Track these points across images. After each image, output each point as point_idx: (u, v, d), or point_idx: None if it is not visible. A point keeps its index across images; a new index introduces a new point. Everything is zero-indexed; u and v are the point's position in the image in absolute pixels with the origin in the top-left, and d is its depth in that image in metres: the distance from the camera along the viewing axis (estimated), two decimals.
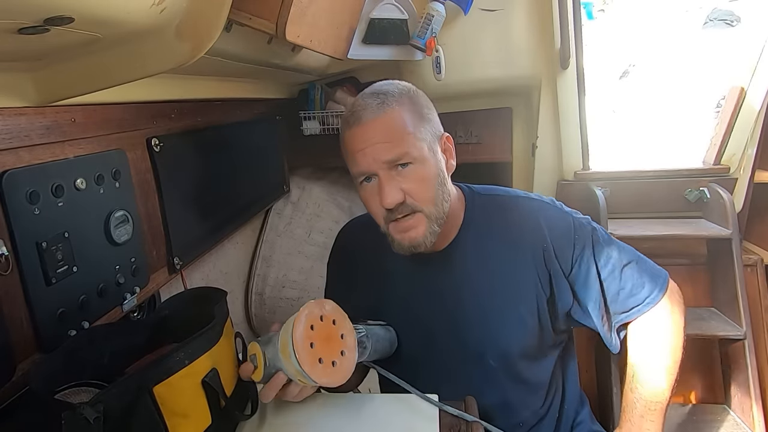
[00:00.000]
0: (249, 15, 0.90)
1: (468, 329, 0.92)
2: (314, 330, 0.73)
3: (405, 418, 0.81)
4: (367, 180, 0.85)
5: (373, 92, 0.86)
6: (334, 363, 0.74)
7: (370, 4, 1.43)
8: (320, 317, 0.75)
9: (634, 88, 4.90)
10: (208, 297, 0.81)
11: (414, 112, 0.84)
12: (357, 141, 0.83)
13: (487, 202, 0.97)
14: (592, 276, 0.91)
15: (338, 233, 1.11)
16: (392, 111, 0.82)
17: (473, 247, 0.93)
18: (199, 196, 1.24)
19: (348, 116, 0.86)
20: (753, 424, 1.48)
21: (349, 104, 1.77)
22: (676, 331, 0.93)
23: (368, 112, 0.82)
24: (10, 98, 0.70)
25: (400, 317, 0.96)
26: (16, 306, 0.71)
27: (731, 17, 5.17)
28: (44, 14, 0.49)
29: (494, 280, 0.92)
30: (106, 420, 0.55)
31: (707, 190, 1.66)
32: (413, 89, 0.89)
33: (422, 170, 0.83)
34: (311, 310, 0.74)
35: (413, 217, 0.84)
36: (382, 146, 0.81)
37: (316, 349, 0.72)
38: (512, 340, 0.92)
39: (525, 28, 1.61)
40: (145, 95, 1.01)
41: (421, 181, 0.83)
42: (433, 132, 0.87)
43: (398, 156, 0.81)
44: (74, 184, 0.80)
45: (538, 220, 0.93)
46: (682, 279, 1.69)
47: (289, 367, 0.72)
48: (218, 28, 0.66)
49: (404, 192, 0.82)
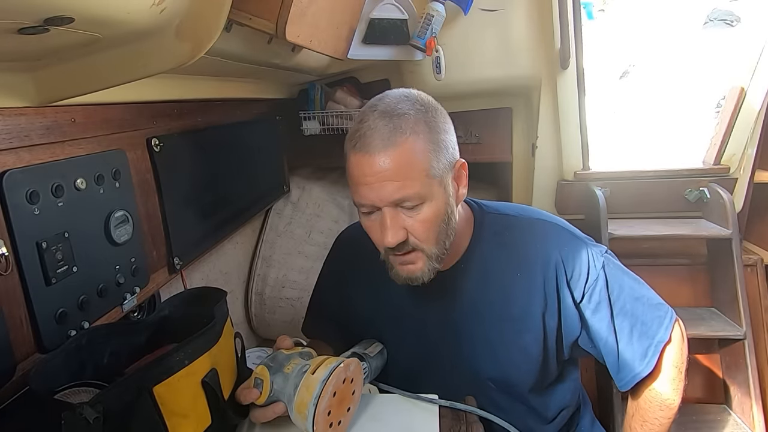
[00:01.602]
0: (249, 15, 0.90)
1: (469, 352, 0.90)
2: (335, 396, 0.71)
3: (405, 418, 0.81)
4: (369, 212, 0.80)
5: (385, 112, 0.76)
6: (339, 422, 0.74)
7: (370, 4, 1.43)
8: (343, 381, 0.73)
9: (634, 88, 4.90)
10: (207, 297, 0.81)
11: (429, 141, 0.76)
12: (363, 171, 0.76)
13: (497, 221, 0.92)
14: (603, 308, 0.87)
15: (335, 241, 1.09)
16: (405, 143, 0.74)
17: (478, 269, 0.89)
18: (199, 196, 1.24)
19: (355, 135, 0.77)
20: (753, 424, 1.48)
21: (352, 107, 1.79)
22: (678, 376, 0.88)
23: (378, 140, 0.74)
24: (10, 98, 0.70)
25: (396, 333, 0.95)
26: (16, 306, 0.71)
27: (731, 17, 5.17)
28: (44, 14, 0.49)
29: (498, 306, 0.88)
30: (106, 420, 0.55)
31: (707, 190, 1.66)
32: (431, 108, 0.80)
33: (429, 211, 0.77)
34: (338, 380, 0.71)
35: (413, 254, 0.81)
36: (390, 185, 0.74)
37: (332, 416, 0.71)
38: (514, 368, 0.89)
39: (525, 28, 1.61)
40: (145, 95, 1.01)
41: (426, 222, 0.78)
42: (447, 161, 0.79)
43: (406, 198, 0.75)
44: (74, 184, 0.80)
45: (551, 244, 0.88)
46: (682, 279, 1.70)
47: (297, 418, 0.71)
48: (218, 28, 0.66)
49: (407, 231, 0.78)
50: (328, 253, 1.09)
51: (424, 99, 0.81)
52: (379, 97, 0.81)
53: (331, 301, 1.05)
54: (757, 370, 1.51)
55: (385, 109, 0.77)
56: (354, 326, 1.00)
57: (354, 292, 1.00)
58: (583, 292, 0.87)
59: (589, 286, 0.87)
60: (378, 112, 0.76)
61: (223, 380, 0.71)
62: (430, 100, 0.82)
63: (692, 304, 1.68)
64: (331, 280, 1.07)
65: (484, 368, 0.90)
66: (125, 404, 0.59)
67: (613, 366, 0.89)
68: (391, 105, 0.77)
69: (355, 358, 0.78)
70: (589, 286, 0.87)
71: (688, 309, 1.66)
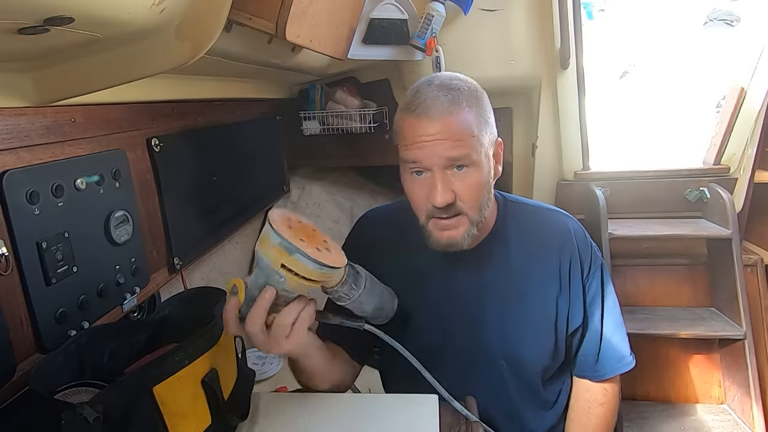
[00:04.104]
0: (249, 15, 0.90)
1: (485, 332, 0.92)
2: (291, 229, 0.68)
3: (405, 418, 0.81)
4: (418, 173, 0.83)
5: (442, 85, 0.82)
6: (319, 249, 0.68)
7: (370, 4, 1.43)
8: (289, 219, 0.70)
9: (634, 88, 4.90)
10: (207, 297, 0.81)
11: (479, 115, 0.82)
12: (419, 132, 0.80)
13: (518, 209, 0.97)
14: (597, 301, 0.95)
15: (354, 226, 1.07)
16: (461, 111, 0.80)
17: (500, 252, 0.93)
18: (199, 196, 1.24)
19: (412, 103, 0.81)
20: (753, 424, 1.48)
21: (352, 107, 1.79)
22: None
23: (438, 107, 0.79)
24: (10, 98, 0.70)
25: (417, 313, 0.95)
26: (16, 306, 0.71)
27: (731, 17, 5.17)
28: (44, 14, 0.49)
29: (516, 289, 0.92)
30: (106, 420, 0.55)
31: (707, 190, 1.66)
32: (480, 89, 0.87)
33: (477, 175, 0.82)
34: (280, 211, 0.69)
35: (457, 218, 0.83)
36: (446, 144, 0.79)
37: (296, 232, 0.67)
38: (526, 350, 0.92)
39: (525, 28, 1.61)
40: (145, 95, 1.01)
41: (474, 186, 0.82)
42: (492, 136, 0.86)
43: (460, 156, 0.79)
44: (74, 184, 0.80)
45: (568, 232, 0.95)
46: (682, 279, 1.70)
47: (272, 271, 0.65)
48: (218, 28, 0.66)
49: (455, 193, 0.81)
50: (349, 233, 1.07)
51: (470, 81, 0.87)
52: (429, 77, 0.86)
53: None
54: (757, 370, 1.51)
55: (441, 83, 0.83)
56: None
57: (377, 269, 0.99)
58: (584, 280, 0.95)
59: (590, 276, 0.95)
60: (435, 86, 0.82)
61: (223, 380, 0.71)
62: (474, 83, 0.88)
63: (692, 304, 1.69)
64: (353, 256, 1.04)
65: (498, 347, 0.92)
66: (125, 404, 0.59)
67: (591, 356, 0.97)
68: (446, 81, 0.83)
69: None
70: (590, 275, 0.95)
71: (688, 309, 1.66)
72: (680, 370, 1.66)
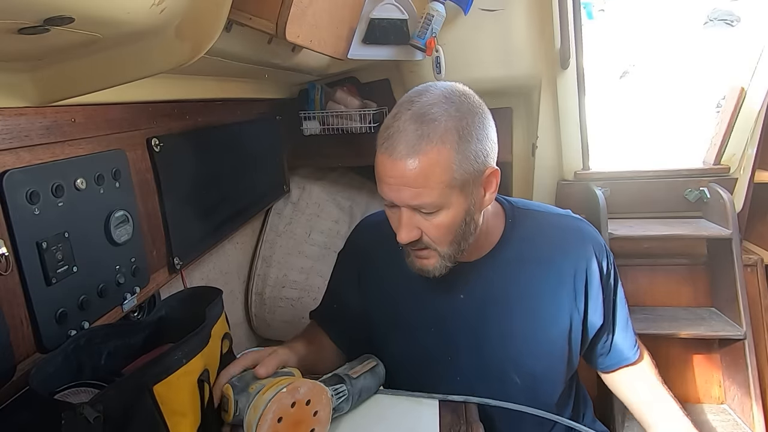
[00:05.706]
0: (249, 15, 0.90)
1: (491, 348, 0.90)
2: (281, 422, 0.69)
3: (405, 418, 0.81)
4: (391, 205, 0.81)
5: (417, 115, 0.74)
6: None
7: (370, 4, 1.43)
8: (291, 404, 0.70)
9: (634, 88, 4.90)
10: (204, 297, 0.81)
11: (456, 151, 0.74)
12: (385, 171, 0.76)
13: (526, 217, 0.94)
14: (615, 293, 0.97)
15: (353, 230, 1.08)
16: (430, 152, 0.73)
17: (508, 264, 0.90)
18: (199, 196, 1.24)
19: (385, 133, 0.76)
20: (753, 424, 1.48)
21: (352, 107, 1.79)
22: None
23: (403, 145, 0.73)
24: (10, 98, 0.70)
25: (417, 322, 0.93)
26: (16, 306, 0.71)
27: (731, 17, 5.17)
28: (44, 14, 0.49)
29: (527, 300, 0.89)
30: (106, 420, 0.55)
31: (707, 190, 1.66)
32: (469, 113, 0.77)
33: (445, 217, 0.78)
34: (280, 404, 0.69)
35: (427, 251, 0.82)
36: (408, 191, 0.75)
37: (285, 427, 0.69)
38: (539, 363, 0.90)
39: (525, 28, 1.61)
40: (145, 95, 1.01)
41: (440, 226, 0.78)
42: (475, 170, 0.77)
43: (422, 205, 0.76)
44: (74, 184, 0.80)
45: (582, 236, 0.93)
46: (682, 279, 1.70)
47: None
48: (218, 28, 0.66)
49: (422, 231, 0.79)
50: (343, 248, 1.08)
51: (464, 103, 0.78)
52: (419, 91, 0.79)
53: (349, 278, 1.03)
54: (757, 370, 1.51)
55: (418, 111, 0.75)
56: (373, 311, 0.98)
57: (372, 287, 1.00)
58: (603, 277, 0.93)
59: (607, 277, 0.94)
60: (411, 113, 0.75)
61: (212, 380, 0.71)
62: (471, 104, 0.79)
63: (692, 304, 1.69)
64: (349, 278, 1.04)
65: (509, 363, 0.90)
66: (125, 403, 0.59)
67: (603, 349, 0.99)
68: (425, 107, 0.75)
69: (312, 381, 0.74)
70: (607, 276, 0.94)
71: (688, 309, 1.66)
72: (680, 370, 1.66)
